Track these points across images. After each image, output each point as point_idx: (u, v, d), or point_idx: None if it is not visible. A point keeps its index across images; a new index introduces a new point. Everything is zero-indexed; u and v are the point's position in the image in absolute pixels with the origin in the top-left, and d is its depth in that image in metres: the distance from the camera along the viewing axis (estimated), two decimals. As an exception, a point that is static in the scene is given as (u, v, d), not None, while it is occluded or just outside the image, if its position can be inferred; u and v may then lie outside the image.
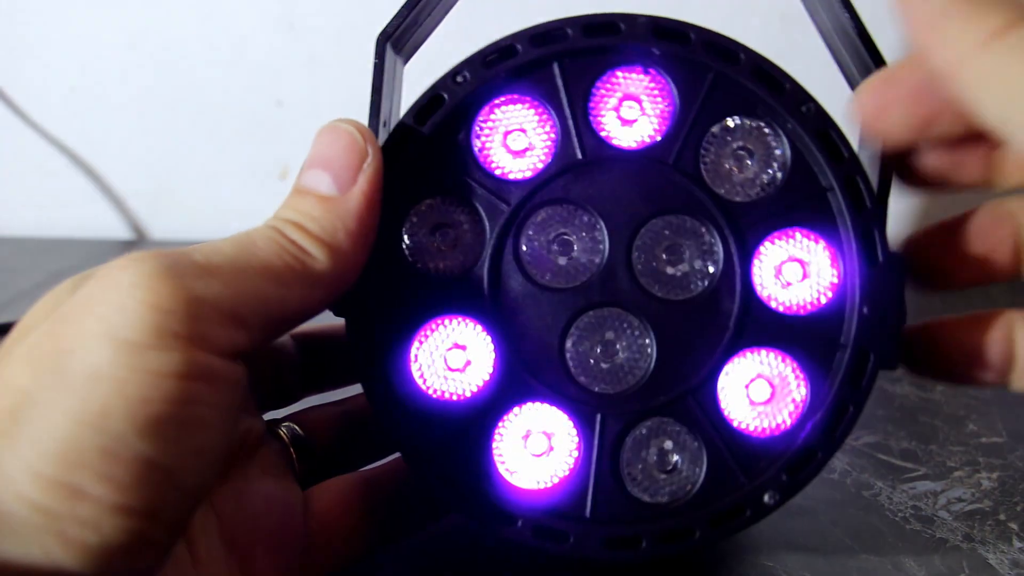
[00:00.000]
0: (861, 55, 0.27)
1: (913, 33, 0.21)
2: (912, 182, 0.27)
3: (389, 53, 0.28)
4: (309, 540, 0.27)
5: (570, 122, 0.27)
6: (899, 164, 0.26)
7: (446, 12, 0.31)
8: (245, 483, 0.26)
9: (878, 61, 0.27)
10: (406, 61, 0.31)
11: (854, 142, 0.27)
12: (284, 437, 0.29)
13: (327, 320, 0.28)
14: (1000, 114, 0.20)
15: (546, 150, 0.27)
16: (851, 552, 0.31)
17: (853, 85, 0.30)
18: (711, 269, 0.27)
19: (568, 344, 0.27)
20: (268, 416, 0.30)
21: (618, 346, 0.27)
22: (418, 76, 0.27)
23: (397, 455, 0.30)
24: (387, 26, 0.28)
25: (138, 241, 0.71)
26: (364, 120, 0.27)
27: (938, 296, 0.27)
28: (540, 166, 0.27)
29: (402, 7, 0.28)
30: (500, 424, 0.27)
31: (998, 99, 0.20)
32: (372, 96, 0.28)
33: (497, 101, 0.27)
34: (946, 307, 0.28)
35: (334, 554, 0.28)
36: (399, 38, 0.29)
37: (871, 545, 0.32)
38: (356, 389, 0.28)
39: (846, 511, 0.34)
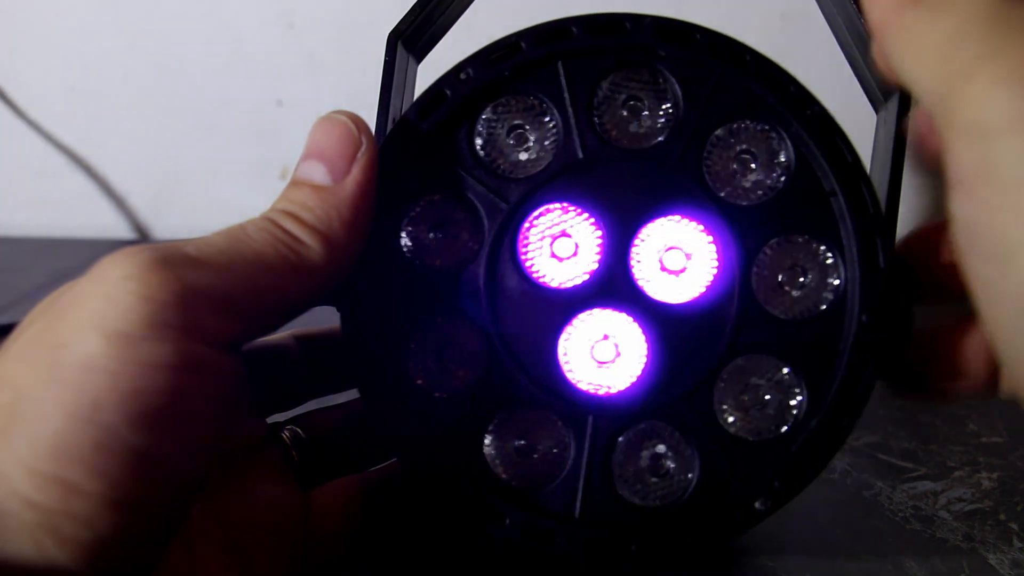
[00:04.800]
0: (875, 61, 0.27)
1: None
2: None
3: (400, 51, 0.28)
4: (309, 542, 0.27)
5: (572, 121, 0.27)
6: None
7: (462, 11, 0.31)
8: (246, 485, 0.26)
9: None
10: (420, 60, 0.31)
11: (858, 147, 0.27)
12: (286, 439, 0.29)
13: (331, 322, 0.28)
14: (911, 73, 0.20)
15: (548, 149, 0.27)
16: (851, 552, 0.31)
17: (867, 91, 0.30)
18: (711, 273, 0.27)
19: (563, 344, 0.27)
20: (271, 419, 0.30)
21: (613, 348, 0.27)
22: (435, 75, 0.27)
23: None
24: (399, 24, 0.28)
25: (140, 241, 0.71)
26: (372, 119, 0.27)
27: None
28: (542, 165, 0.27)
29: (414, 5, 0.28)
30: (491, 423, 0.27)
31: (910, 58, 0.20)
32: (381, 94, 0.28)
33: (500, 99, 0.27)
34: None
35: (334, 556, 0.28)
36: (411, 36, 0.29)
37: (871, 545, 0.32)
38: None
39: (846, 511, 0.34)
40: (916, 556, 0.31)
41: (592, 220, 0.27)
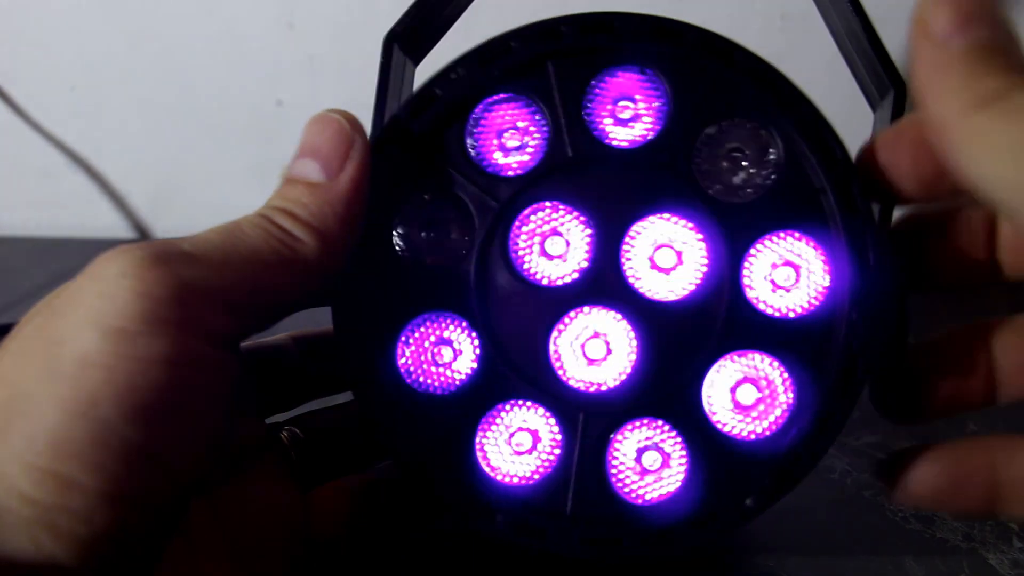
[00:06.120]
0: (871, 59, 0.27)
1: (917, 80, 0.21)
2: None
3: (396, 53, 0.28)
4: (308, 542, 0.27)
5: (563, 120, 0.27)
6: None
7: (459, 13, 0.31)
8: (246, 486, 0.26)
9: (888, 66, 0.27)
10: (417, 62, 0.31)
11: (857, 145, 0.27)
12: (285, 440, 0.29)
13: (329, 323, 0.28)
14: (977, 175, 0.20)
15: (538, 148, 0.27)
16: (851, 552, 0.31)
17: (864, 89, 0.30)
18: (701, 271, 0.27)
19: (554, 342, 0.27)
20: (271, 419, 0.30)
21: (604, 345, 0.27)
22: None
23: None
24: (395, 26, 0.28)
25: (139, 240, 0.71)
26: (367, 120, 0.27)
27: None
28: (532, 164, 0.27)
29: (410, 7, 0.28)
30: (483, 420, 0.27)
31: (978, 161, 0.20)
32: (377, 96, 0.28)
33: (491, 98, 0.27)
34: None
35: (333, 556, 0.28)
36: (407, 38, 0.29)
37: (871, 545, 0.32)
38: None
39: (846, 511, 0.34)
40: (916, 556, 0.31)
41: (582, 218, 0.27)
